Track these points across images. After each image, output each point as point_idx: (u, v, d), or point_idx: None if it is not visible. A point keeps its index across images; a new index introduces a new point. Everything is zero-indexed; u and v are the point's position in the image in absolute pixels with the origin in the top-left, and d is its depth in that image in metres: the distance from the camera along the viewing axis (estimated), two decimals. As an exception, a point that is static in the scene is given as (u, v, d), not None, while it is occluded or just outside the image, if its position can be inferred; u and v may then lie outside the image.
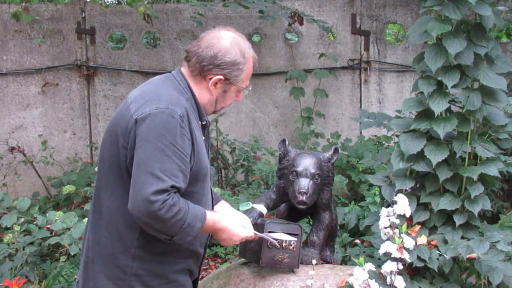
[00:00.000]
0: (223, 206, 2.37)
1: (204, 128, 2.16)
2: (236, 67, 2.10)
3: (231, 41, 2.10)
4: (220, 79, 2.10)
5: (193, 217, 1.94)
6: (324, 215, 2.72)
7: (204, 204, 2.08)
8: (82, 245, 2.20)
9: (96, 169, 2.37)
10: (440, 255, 2.53)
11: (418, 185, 2.80)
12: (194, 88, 2.12)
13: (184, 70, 2.15)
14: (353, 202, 4.91)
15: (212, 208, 2.24)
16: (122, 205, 1.98)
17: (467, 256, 2.46)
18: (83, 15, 6.38)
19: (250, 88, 2.22)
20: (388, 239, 2.51)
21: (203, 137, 2.15)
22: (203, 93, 2.13)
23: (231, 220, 2.14)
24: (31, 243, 4.03)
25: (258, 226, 2.52)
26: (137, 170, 1.90)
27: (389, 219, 2.52)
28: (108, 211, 2.05)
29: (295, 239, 2.44)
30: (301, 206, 2.54)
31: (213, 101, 2.15)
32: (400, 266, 2.43)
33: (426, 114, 2.68)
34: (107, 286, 2.04)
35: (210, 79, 2.10)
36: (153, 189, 1.85)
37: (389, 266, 2.42)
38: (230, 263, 4.10)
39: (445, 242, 2.63)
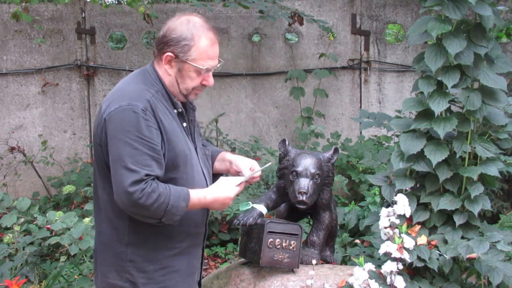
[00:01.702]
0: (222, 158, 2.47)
1: (181, 115, 2.24)
2: (183, 43, 2.13)
3: (180, 21, 2.17)
4: (170, 56, 2.16)
5: (175, 198, 2.07)
6: (324, 215, 2.72)
7: (191, 188, 2.17)
8: None
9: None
10: (440, 255, 2.53)
11: (418, 185, 2.80)
12: (160, 72, 2.20)
13: (155, 60, 2.24)
14: (353, 202, 4.92)
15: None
16: (110, 197, 2.13)
17: (467, 256, 2.46)
18: (83, 15, 6.38)
19: (204, 67, 2.17)
20: (388, 239, 2.51)
21: (184, 123, 2.25)
22: (165, 76, 2.20)
23: (216, 189, 2.22)
24: (31, 243, 4.03)
25: (258, 226, 2.52)
26: (113, 166, 2.07)
27: (389, 219, 2.52)
28: (103, 203, 2.20)
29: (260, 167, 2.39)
30: (301, 206, 2.54)
31: (174, 81, 2.20)
32: (400, 266, 2.43)
33: (426, 114, 2.68)
34: (109, 272, 2.20)
35: (163, 58, 2.18)
36: (129, 181, 2.01)
37: (389, 266, 2.42)
38: (230, 263, 4.10)
39: (445, 242, 2.63)
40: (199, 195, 2.15)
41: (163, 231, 2.17)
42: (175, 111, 2.22)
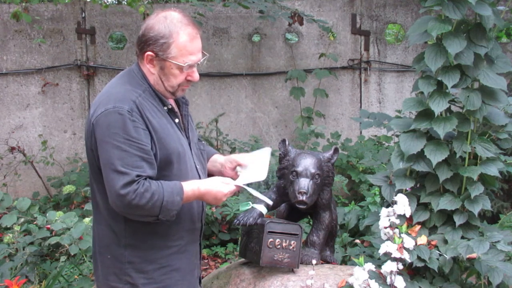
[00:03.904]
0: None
1: (172, 111, 2.22)
2: (161, 41, 2.09)
3: (158, 18, 2.13)
4: (151, 56, 2.12)
5: (169, 194, 2.06)
6: (324, 215, 2.72)
7: None
8: None
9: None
10: (440, 255, 2.53)
11: (418, 185, 2.80)
12: (144, 71, 2.18)
13: (138, 60, 2.21)
14: (353, 202, 4.91)
15: None
16: (106, 201, 2.12)
17: (467, 256, 2.46)
18: (83, 15, 6.38)
19: (186, 64, 2.13)
20: (388, 239, 2.51)
21: (177, 119, 2.23)
22: (149, 75, 2.18)
23: (210, 182, 2.21)
24: (31, 243, 4.03)
25: (258, 226, 2.52)
26: (104, 170, 2.06)
27: (389, 219, 2.52)
28: (101, 207, 2.19)
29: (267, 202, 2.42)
30: (301, 206, 2.54)
31: (158, 80, 2.17)
32: (400, 266, 2.43)
33: (426, 114, 2.68)
34: (109, 275, 2.19)
35: (144, 57, 2.15)
36: (120, 183, 2.00)
37: (389, 266, 2.42)
38: (230, 263, 4.10)
39: (445, 242, 2.63)
40: (192, 187, 2.14)
41: (159, 231, 2.16)
42: (165, 108, 2.19)
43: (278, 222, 2.53)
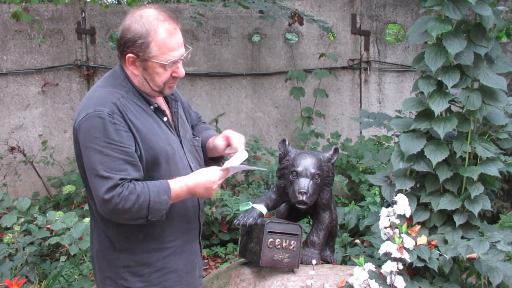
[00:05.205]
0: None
1: (159, 110, 2.17)
2: (139, 41, 2.03)
3: (134, 18, 2.07)
4: (132, 57, 2.07)
5: (155, 194, 2.01)
6: (324, 215, 2.72)
7: None
8: None
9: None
10: (440, 255, 2.53)
11: (418, 185, 2.80)
12: (128, 73, 2.13)
13: (121, 62, 2.17)
14: (353, 202, 4.91)
15: None
16: (96, 206, 2.08)
17: (467, 256, 2.46)
18: (83, 15, 6.38)
19: (168, 61, 2.07)
20: (388, 239, 2.51)
21: (165, 118, 2.18)
22: (133, 77, 2.13)
23: (196, 174, 2.13)
24: (31, 243, 4.03)
25: (258, 226, 2.52)
26: (88, 176, 2.03)
27: (389, 219, 2.52)
28: (94, 212, 2.18)
29: (245, 166, 2.28)
30: (301, 206, 2.54)
31: (143, 81, 2.12)
32: (400, 266, 2.43)
33: (426, 114, 2.68)
34: (105, 279, 2.18)
35: (125, 60, 2.11)
36: (104, 188, 1.96)
37: (389, 266, 2.42)
38: (230, 263, 4.10)
39: (445, 242, 2.63)
40: (179, 184, 2.08)
41: (153, 234, 2.13)
42: (151, 107, 2.14)
43: (278, 222, 2.53)
